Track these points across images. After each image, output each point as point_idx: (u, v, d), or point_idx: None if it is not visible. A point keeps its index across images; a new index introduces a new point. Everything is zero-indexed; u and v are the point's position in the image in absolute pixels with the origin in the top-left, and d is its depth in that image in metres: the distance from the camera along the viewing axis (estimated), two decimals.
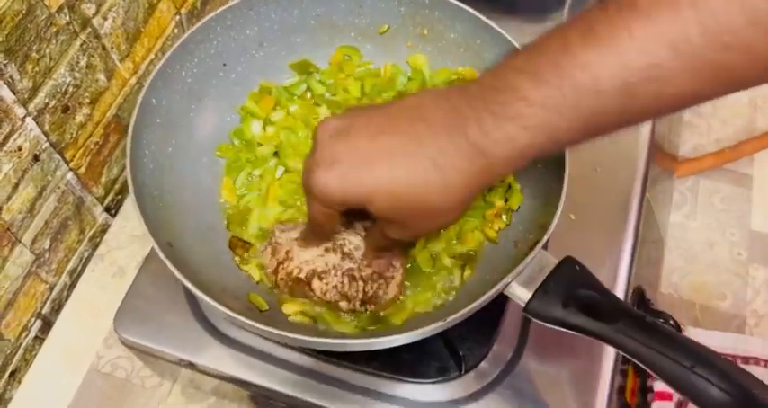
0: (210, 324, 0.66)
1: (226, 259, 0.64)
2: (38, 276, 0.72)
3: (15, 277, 0.68)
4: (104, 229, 0.80)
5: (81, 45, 0.66)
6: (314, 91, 0.73)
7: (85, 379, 0.71)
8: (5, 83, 0.59)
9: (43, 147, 0.66)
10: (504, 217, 0.66)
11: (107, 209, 0.80)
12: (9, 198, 0.64)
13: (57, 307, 0.76)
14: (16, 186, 0.64)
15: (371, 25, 0.73)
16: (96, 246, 0.78)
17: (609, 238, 0.71)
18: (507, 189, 0.67)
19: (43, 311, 0.75)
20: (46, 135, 0.66)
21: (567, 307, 0.52)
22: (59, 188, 0.71)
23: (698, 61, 0.39)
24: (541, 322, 0.54)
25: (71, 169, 0.72)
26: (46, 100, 0.64)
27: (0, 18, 0.56)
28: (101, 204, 0.79)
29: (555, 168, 0.60)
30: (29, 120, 0.63)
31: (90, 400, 0.70)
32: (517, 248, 0.63)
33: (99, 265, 0.77)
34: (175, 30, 0.81)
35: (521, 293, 0.54)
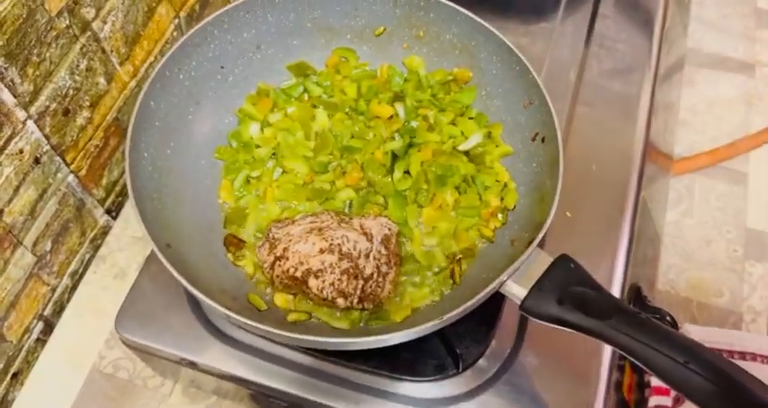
0: (211, 324, 0.66)
1: (225, 259, 0.65)
2: (39, 278, 0.72)
3: (17, 279, 0.69)
4: (105, 231, 0.80)
5: (81, 48, 0.67)
6: (311, 93, 0.73)
7: (88, 380, 0.71)
8: (6, 86, 0.59)
9: (44, 150, 0.67)
10: (500, 216, 0.67)
11: (108, 211, 0.81)
12: (10, 200, 0.64)
13: (58, 309, 0.76)
14: (17, 189, 0.65)
15: (367, 27, 0.73)
16: (97, 248, 0.79)
17: (605, 236, 0.72)
18: (503, 188, 0.68)
19: (45, 313, 0.75)
20: (47, 138, 0.66)
21: (562, 305, 0.53)
22: (60, 190, 0.71)
23: None
24: (537, 319, 0.54)
25: (72, 171, 0.72)
26: (47, 103, 0.65)
27: (1, 22, 0.56)
28: (102, 206, 0.79)
29: (550, 167, 0.61)
30: (30, 124, 0.64)
31: (92, 401, 0.70)
32: (513, 246, 0.63)
33: (100, 267, 0.77)
34: (174, 33, 0.82)
35: (517, 291, 0.55)
